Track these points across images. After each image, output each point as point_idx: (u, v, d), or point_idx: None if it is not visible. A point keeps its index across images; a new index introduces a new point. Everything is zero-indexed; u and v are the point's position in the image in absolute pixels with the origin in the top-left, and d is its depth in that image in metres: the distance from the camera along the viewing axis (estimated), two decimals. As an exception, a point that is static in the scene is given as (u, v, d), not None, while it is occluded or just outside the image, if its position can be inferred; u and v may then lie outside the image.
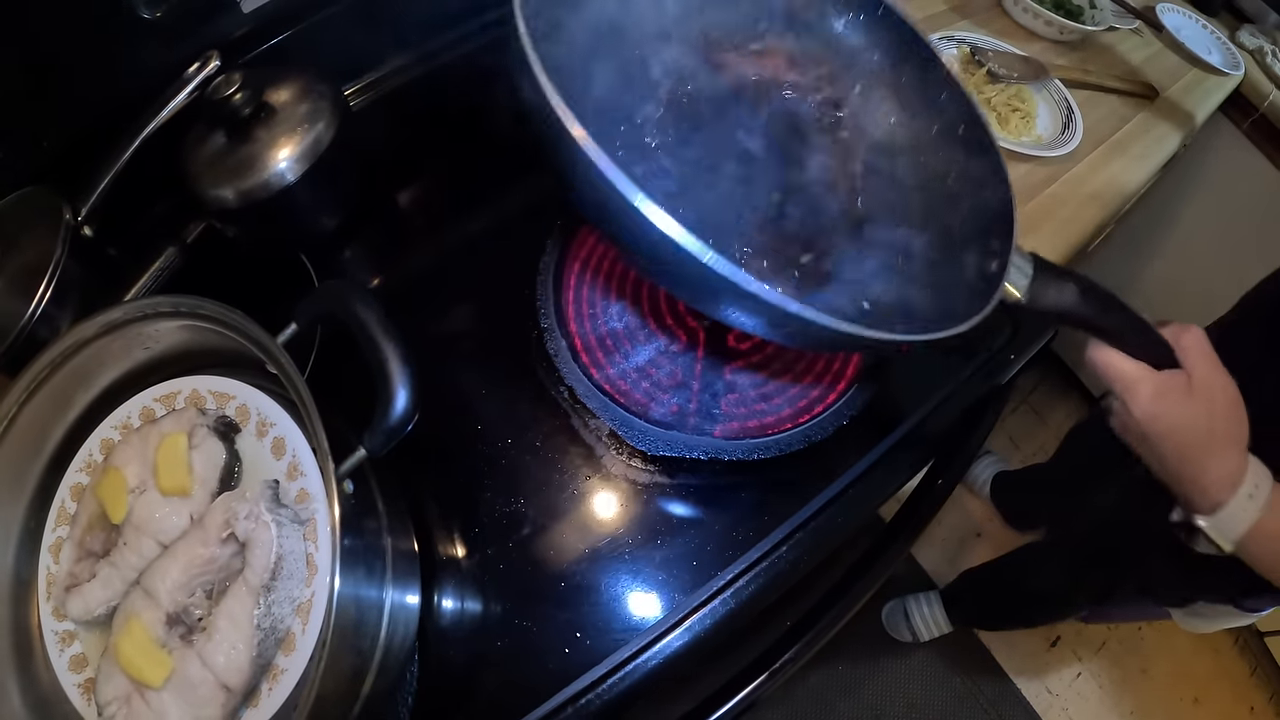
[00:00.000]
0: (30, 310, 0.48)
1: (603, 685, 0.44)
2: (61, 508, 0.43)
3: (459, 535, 0.48)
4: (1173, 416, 0.42)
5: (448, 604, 0.47)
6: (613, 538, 0.48)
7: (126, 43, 0.52)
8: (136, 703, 0.37)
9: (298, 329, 0.38)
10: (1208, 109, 0.88)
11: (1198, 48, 0.93)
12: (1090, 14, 0.89)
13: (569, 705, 0.44)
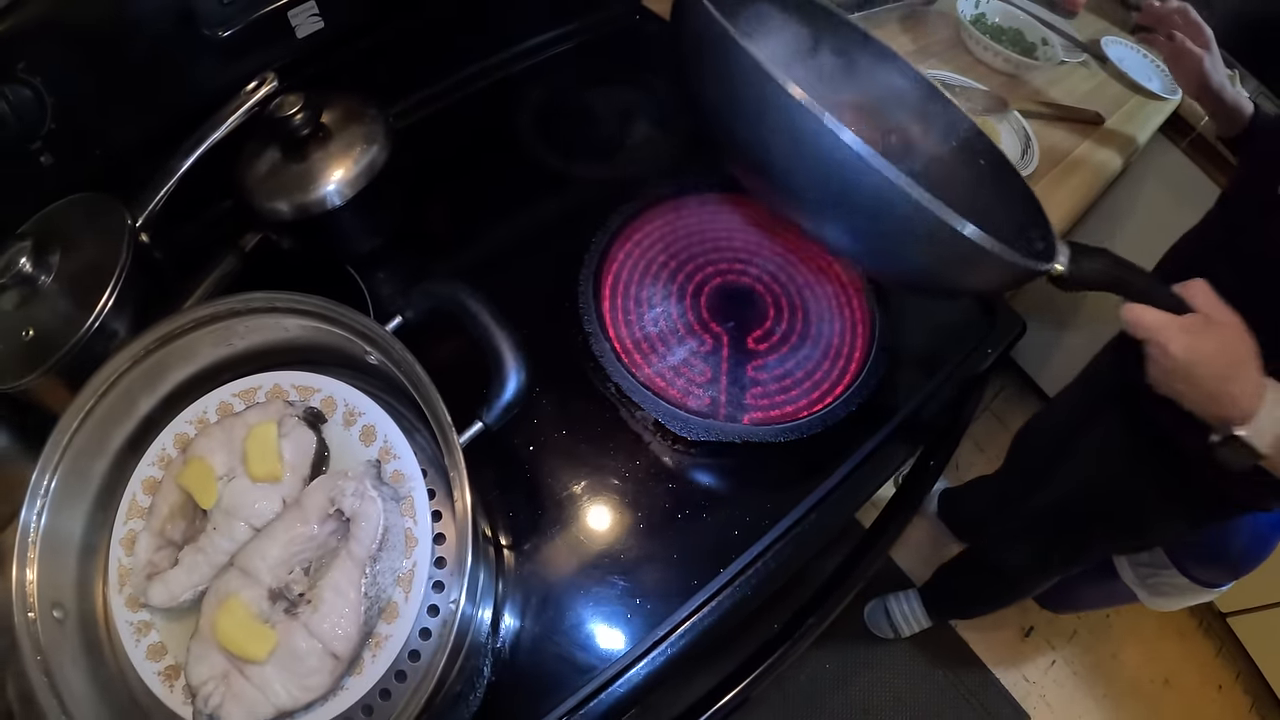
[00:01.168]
0: (95, 314, 0.49)
1: (665, 641, 0.48)
2: (133, 501, 0.44)
3: (523, 518, 0.52)
4: (1202, 348, 0.49)
5: (516, 580, 0.49)
6: (664, 511, 0.53)
7: (190, 59, 0.55)
8: (235, 679, 0.38)
9: (404, 320, 0.42)
10: (1149, 131, 1.00)
11: (1139, 76, 1.05)
12: (1043, 50, 1.01)
13: (638, 662, 0.47)
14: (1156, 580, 1.15)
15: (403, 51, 0.69)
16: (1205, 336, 0.49)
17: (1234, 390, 0.50)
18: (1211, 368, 0.50)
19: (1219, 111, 0.83)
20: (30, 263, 0.47)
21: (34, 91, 0.48)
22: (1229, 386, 0.50)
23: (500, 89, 0.75)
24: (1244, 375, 0.50)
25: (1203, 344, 0.49)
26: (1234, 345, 0.50)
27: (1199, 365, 0.49)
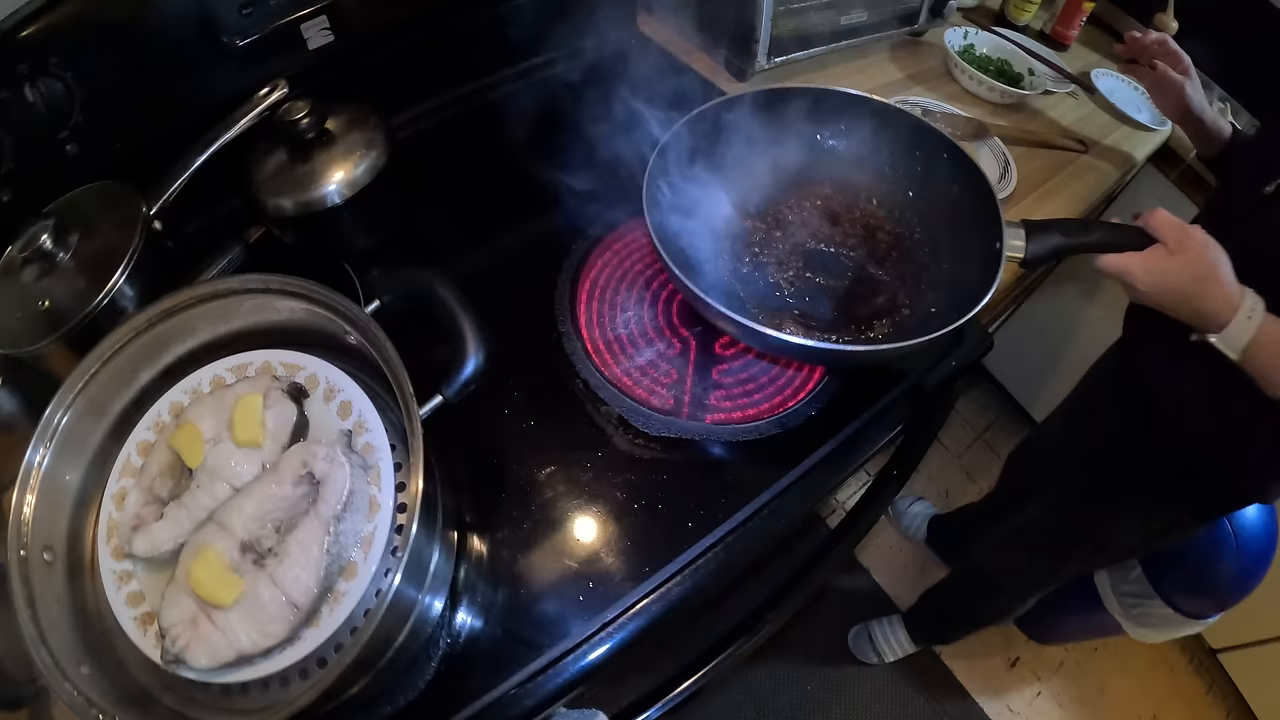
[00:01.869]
0: (106, 290, 0.53)
1: (613, 624, 0.50)
2: (127, 461, 0.48)
3: (488, 500, 0.55)
4: (1166, 273, 0.55)
5: (478, 556, 0.53)
6: (622, 501, 0.56)
7: (208, 63, 0.60)
8: (203, 624, 0.41)
9: (381, 304, 0.46)
10: (1134, 161, 1.02)
11: (1128, 108, 1.07)
12: (1029, 80, 1.04)
13: (585, 642, 0.50)
14: (1141, 610, 1.14)
15: (407, 67, 0.74)
16: (1165, 262, 0.55)
17: (1204, 306, 0.56)
18: (1177, 291, 0.56)
19: (1200, 133, 0.88)
20: (51, 240, 0.52)
21: (64, 85, 0.54)
22: (1197, 304, 0.56)
23: (498, 105, 0.80)
24: (1210, 291, 0.56)
25: (1164, 271, 0.55)
26: (1195, 266, 0.55)
27: (1165, 291, 0.56)
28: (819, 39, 0.90)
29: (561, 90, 0.81)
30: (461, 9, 0.73)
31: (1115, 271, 0.57)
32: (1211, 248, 0.56)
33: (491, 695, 0.49)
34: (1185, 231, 0.56)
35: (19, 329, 0.52)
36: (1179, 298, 0.56)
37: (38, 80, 0.52)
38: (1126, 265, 0.57)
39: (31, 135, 0.54)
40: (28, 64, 0.52)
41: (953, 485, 1.71)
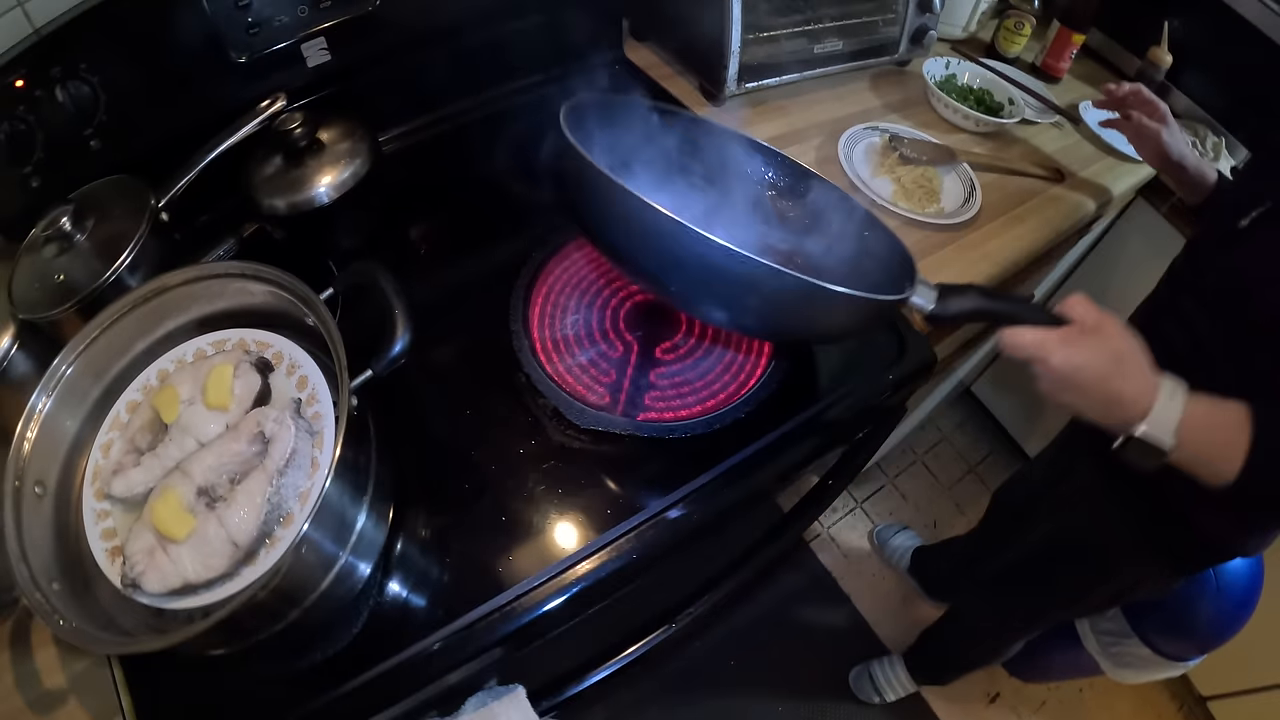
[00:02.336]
0: (112, 270, 0.62)
1: (525, 597, 0.57)
2: (116, 417, 0.57)
3: (429, 473, 0.62)
4: (1081, 355, 0.52)
5: (411, 526, 0.60)
6: (547, 486, 0.62)
7: (217, 75, 0.70)
8: (158, 555, 0.49)
9: (335, 291, 0.53)
10: (1115, 191, 1.05)
11: (1115, 139, 1.09)
12: (1008, 109, 1.09)
13: (497, 612, 0.56)
14: (1119, 649, 1.14)
15: (398, 86, 0.83)
16: (1082, 344, 0.52)
17: (1122, 389, 0.53)
18: (1093, 372, 0.52)
19: (1182, 181, 0.88)
20: (70, 223, 0.61)
21: (91, 89, 0.64)
22: (1115, 386, 0.53)
23: (481, 124, 0.88)
24: (1129, 372, 0.53)
25: (1080, 351, 0.52)
26: (1112, 345, 0.53)
27: (1080, 371, 0.52)
28: (792, 67, 0.97)
29: (540, 112, 0.89)
30: (451, 35, 0.81)
31: (1027, 347, 0.53)
32: (1129, 334, 0.54)
33: (411, 651, 0.55)
34: (1102, 315, 0.54)
35: (37, 298, 0.61)
36: (1095, 378, 0.52)
37: (68, 83, 0.62)
38: (1041, 340, 0.53)
39: (60, 131, 0.63)
40: (60, 67, 0.62)
41: (941, 517, 1.72)
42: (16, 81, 0.60)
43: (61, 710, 0.53)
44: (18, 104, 0.61)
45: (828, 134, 0.97)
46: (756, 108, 0.98)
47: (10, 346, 0.64)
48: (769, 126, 0.96)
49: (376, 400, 0.57)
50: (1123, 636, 1.16)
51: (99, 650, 0.44)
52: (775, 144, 0.92)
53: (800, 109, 1.00)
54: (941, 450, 1.85)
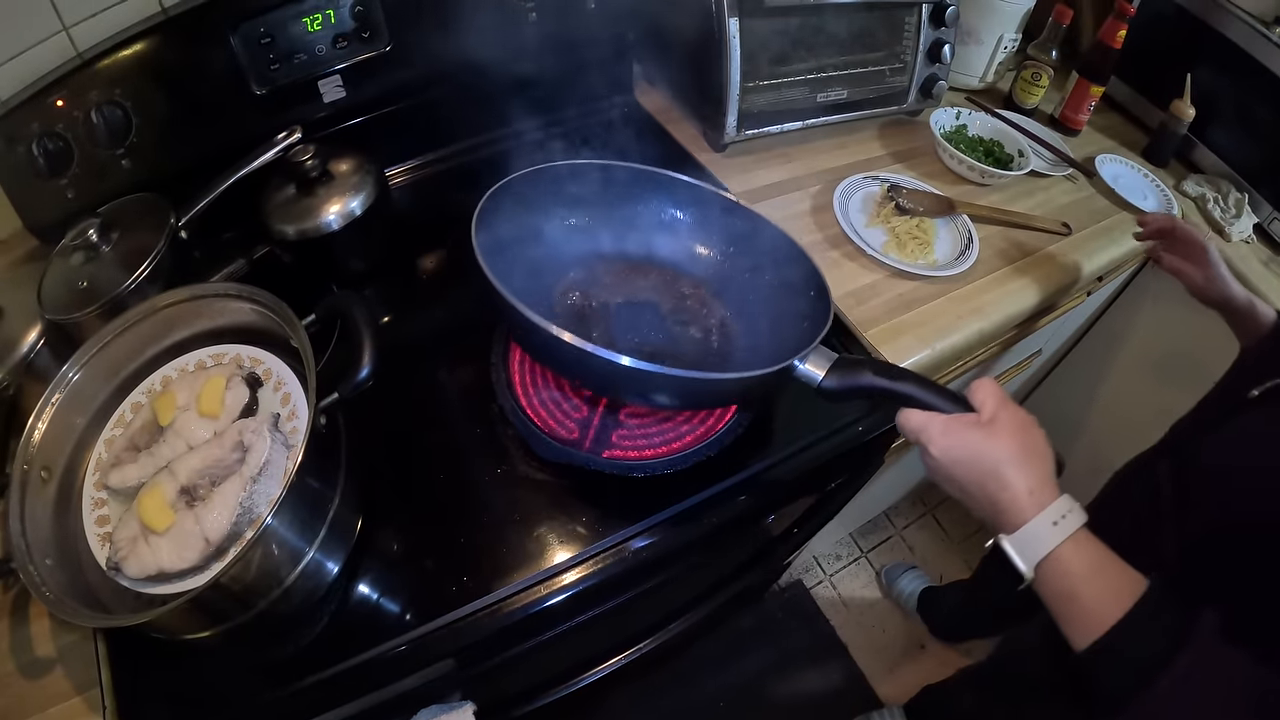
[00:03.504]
0: (130, 280, 0.71)
1: (477, 616, 0.63)
2: (121, 415, 0.65)
3: (397, 494, 0.69)
4: (964, 446, 0.50)
5: (378, 540, 0.66)
6: (506, 512, 0.68)
7: (238, 107, 0.79)
8: (140, 544, 0.56)
9: (316, 317, 0.61)
10: (1124, 248, 1.05)
11: (1132, 194, 1.11)
12: (1017, 161, 1.11)
13: (447, 627, 0.62)
14: None
15: (407, 123, 0.92)
16: (967, 434, 0.50)
17: (998, 493, 0.49)
18: (970, 469, 0.50)
19: (1232, 321, 0.84)
20: (96, 235, 0.70)
21: (124, 112, 0.73)
22: (991, 489, 0.50)
23: (486, 163, 0.96)
24: (1009, 480, 0.49)
25: (961, 445, 0.50)
26: (999, 445, 0.49)
27: (956, 465, 0.51)
28: (794, 115, 1.02)
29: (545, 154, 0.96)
30: (463, 75, 0.90)
31: (913, 429, 0.52)
32: (1032, 431, 0.51)
33: (367, 654, 0.61)
34: (1005, 405, 0.51)
35: (63, 301, 0.70)
36: (972, 476, 0.50)
37: (104, 106, 0.72)
38: (925, 422, 0.52)
39: (94, 149, 0.73)
40: (97, 91, 0.72)
41: (949, 572, 1.72)
42: (58, 101, 0.70)
43: (47, 677, 0.60)
44: (58, 121, 0.71)
45: (827, 182, 1.01)
46: (758, 154, 1.04)
47: (36, 342, 0.73)
48: (769, 173, 1.02)
49: (355, 416, 0.64)
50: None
51: (74, 620, 0.51)
52: (772, 191, 0.99)
53: (803, 156, 1.06)
54: (954, 504, 1.85)
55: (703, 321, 0.79)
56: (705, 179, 0.97)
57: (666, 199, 0.82)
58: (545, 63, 0.93)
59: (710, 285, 0.82)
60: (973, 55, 1.24)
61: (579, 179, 0.78)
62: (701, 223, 0.82)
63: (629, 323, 0.77)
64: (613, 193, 0.80)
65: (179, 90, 0.76)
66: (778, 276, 0.76)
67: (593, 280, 0.80)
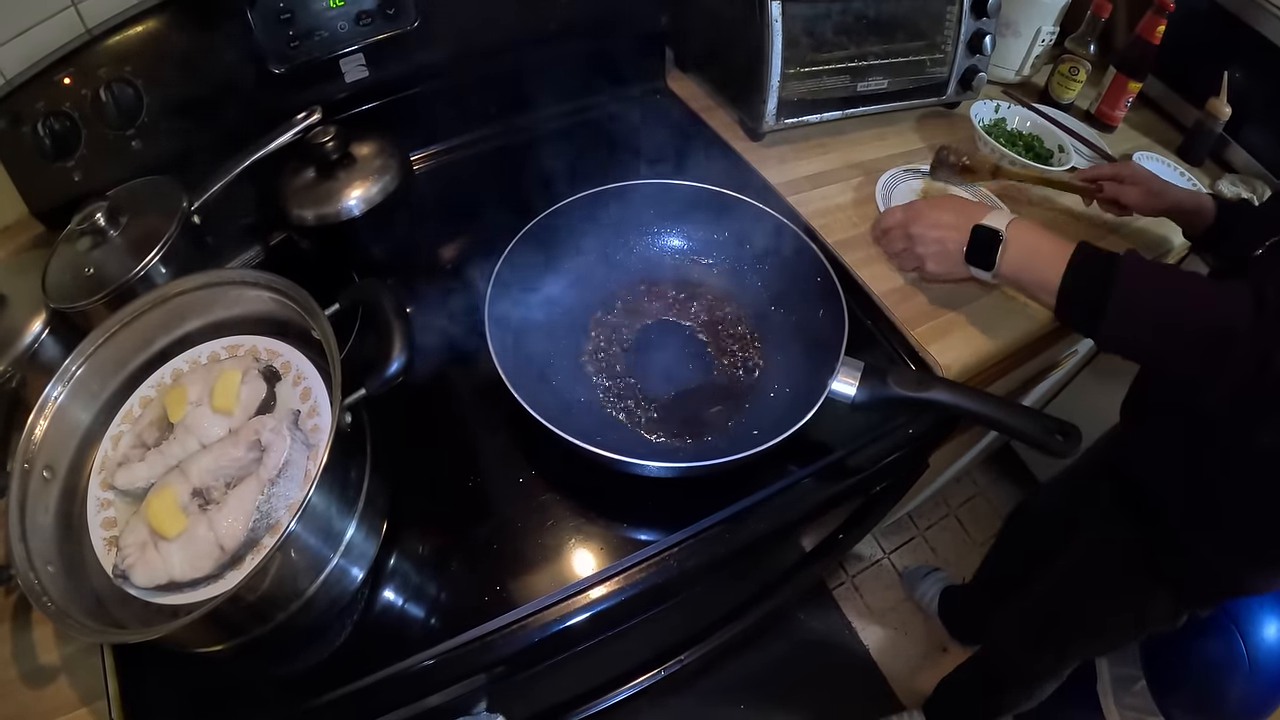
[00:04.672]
0: (139, 267, 0.66)
1: (511, 629, 0.58)
2: (129, 410, 0.60)
3: (424, 496, 0.64)
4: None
5: (403, 545, 0.61)
6: (539, 517, 0.63)
7: (255, 86, 0.74)
8: (149, 550, 0.51)
9: (340, 307, 0.56)
10: (1170, 243, 1.00)
11: None
12: (1057, 157, 1.05)
13: (477, 642, 0.57)
14: None
15: (432, 106, 0.87)
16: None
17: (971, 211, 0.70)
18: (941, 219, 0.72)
19: (1183, 220, 0.90)
20: (104, 219, 0.65)
21: (135, 91, 0.68)
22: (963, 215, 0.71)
23: (515, 148, 0.91)
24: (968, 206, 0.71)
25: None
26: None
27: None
28: (834, 104, 0.97)
29: (576, 140, 0.91)
30: (491, 57, 0.85)
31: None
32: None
33: (394, 669, 0.56)
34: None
35: (68, 289, 0.65)
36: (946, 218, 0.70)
37: (113, 84, 0.67)
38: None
39: (103, 129, 0.68)
40: (107, 68, 0.67)
41: (971, 573, 1.66)
42: (65, 79, 0.65)
43: (51, 686, 0.56)
44: (64, 100, 0.66)
45: (867, 174, 0.96)
46: (795, 144, 0.99)
47: (41, 331, 0.68)
48: (807, 164, 0.96)
49: (381, 414, 0.59)
50: (1147, 713, 1.12)
51: (79, 636, 0.47)
52: (811, 183, 0.94)
53: (842, 147, 1.00)
54: (977, 505, 1.80)
55: (731, 346, 0.76)
56: (741, 169, 0.92)
57: (677, 210, 0.79)
58: (576, 46, 0.88)
59: (735, 300, 0.79)
60: (1010, 48, 1.19)
61: (586, 213, 0.75)
62: (714, 231, 0.80)
63: (659, 368, 0.74)
64: (624, 214, 0.77)
65: (193, 68, 0.71)
66: (797, 285, 0.74)
67: (616, 318, 0.77)
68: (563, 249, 0.74)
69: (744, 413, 0.69)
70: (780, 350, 0.73)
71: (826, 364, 0.62)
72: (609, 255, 0.78)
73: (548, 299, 0.72)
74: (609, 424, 0.68)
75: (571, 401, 0.68)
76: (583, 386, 0.71)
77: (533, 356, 0.68)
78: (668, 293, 0.78)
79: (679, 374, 0.72)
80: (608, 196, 0.75)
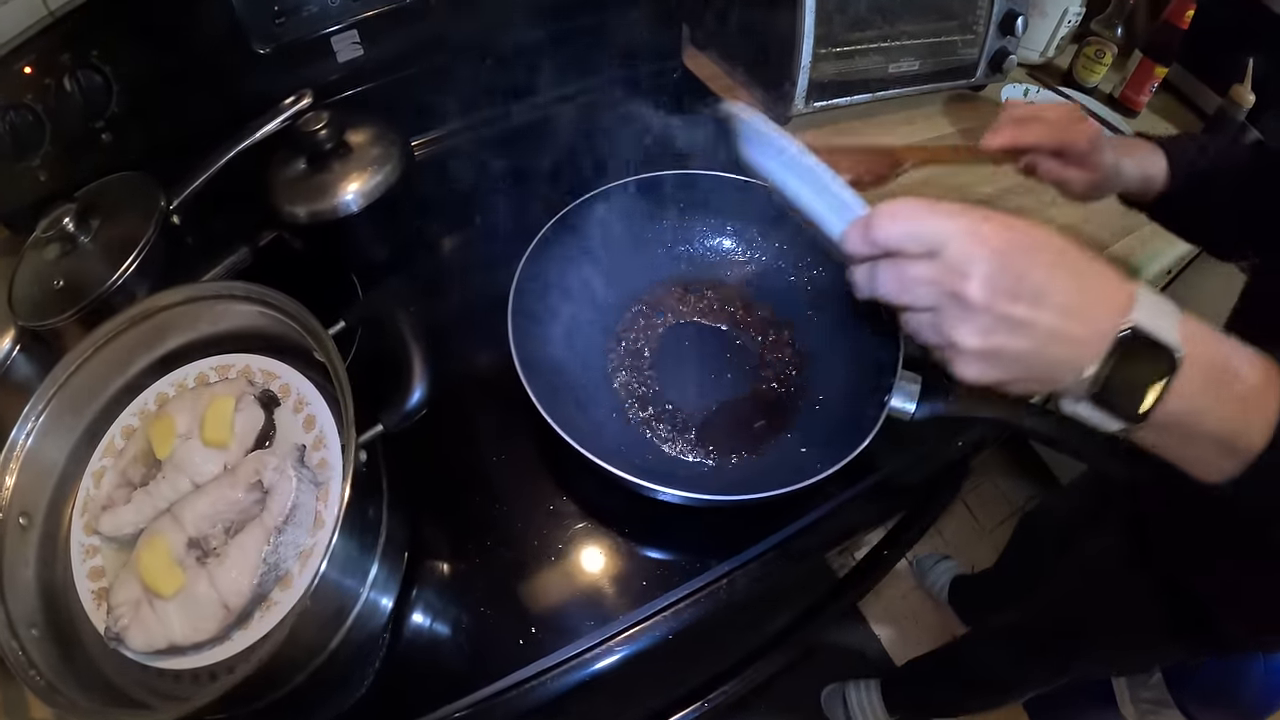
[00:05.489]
0: (115, 276, 0.59)
1: (548, 676, 0.53)
2: (110, 442, 0.53)
3: (445, 528, 0.58)
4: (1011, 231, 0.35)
5: (426, 584, 0.56)
6: (582, 545, 0.58)
7: (238, 69, 0.66)
8: (144, 609, 0.45)
9: (346, 325, 0.49)
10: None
11: None
12: None
13: (513, 689, 0.52)
14: (1156, 719, 1.11)
15: (435, 86, 0.78)
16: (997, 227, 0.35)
17: (1090, 265, 0.36)
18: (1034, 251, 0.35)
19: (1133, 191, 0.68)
20: (73, 223, 0.58)
21: (103, 78, 0.60)
22: (1074, 266, 0.36)
23: (523, 133, 0.83)
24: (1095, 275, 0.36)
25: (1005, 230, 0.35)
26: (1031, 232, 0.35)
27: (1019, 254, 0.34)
28: (864, 86, 0.90)
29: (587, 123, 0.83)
30: (496, 33, 0.76)
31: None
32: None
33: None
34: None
35: (38, 304, 0.58)
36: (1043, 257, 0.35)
37: (79, 71, 0.59)
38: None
39: (69, 122, 0.60)
40: (70, 54, 0.58)
41: (979, 559, 1.66)
42: (25, 68, 0.57)
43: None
44: (25, 92, 0.58)
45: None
46: (822, 129, 0.92)
47: (11, 350, 0.61)
48: (834, 150, 0.90)
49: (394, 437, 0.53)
50: (1162, 706, 1.12)
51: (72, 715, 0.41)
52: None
53: (871, 132, 0.94)
54: (985, 490, 1.78)
55: (772, 354, 0.69)
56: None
57: (707, 202, 0.72)
58: (585, 20, 0.80)
59: (773, 301, 0.72)
60: (1035, 28, 1.13)
61: (611, 207, 0.68)
62: (749, 225, 0.73)
63: (695, 379, 0.67)
64: (651, 207, 0.70)
65: (167, 50, 0.62)
66: (842, 285, 0.65)
67: (646, 321, 0.70)
68: (588, 247, 0.67)
69: (791, 427, 0.63)
70: (825, 357, 0.67)
71: (878, 376, 0.56)
72: (637, 253, 0.71)
73: (574, 304, 0.65)
74: (642, 444, 0.62)
75: (603, 420, 0.62)
76: (613, 401, 0.65)
77: (560, 368, 0.62)
78: (702, 294, 0.71)
79: (717, 385, 0.66)
80: (633, 188, 0.68)
